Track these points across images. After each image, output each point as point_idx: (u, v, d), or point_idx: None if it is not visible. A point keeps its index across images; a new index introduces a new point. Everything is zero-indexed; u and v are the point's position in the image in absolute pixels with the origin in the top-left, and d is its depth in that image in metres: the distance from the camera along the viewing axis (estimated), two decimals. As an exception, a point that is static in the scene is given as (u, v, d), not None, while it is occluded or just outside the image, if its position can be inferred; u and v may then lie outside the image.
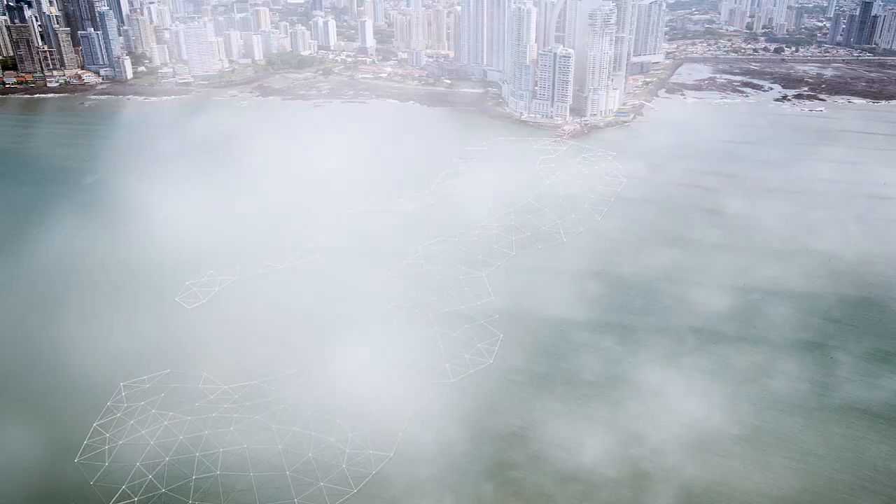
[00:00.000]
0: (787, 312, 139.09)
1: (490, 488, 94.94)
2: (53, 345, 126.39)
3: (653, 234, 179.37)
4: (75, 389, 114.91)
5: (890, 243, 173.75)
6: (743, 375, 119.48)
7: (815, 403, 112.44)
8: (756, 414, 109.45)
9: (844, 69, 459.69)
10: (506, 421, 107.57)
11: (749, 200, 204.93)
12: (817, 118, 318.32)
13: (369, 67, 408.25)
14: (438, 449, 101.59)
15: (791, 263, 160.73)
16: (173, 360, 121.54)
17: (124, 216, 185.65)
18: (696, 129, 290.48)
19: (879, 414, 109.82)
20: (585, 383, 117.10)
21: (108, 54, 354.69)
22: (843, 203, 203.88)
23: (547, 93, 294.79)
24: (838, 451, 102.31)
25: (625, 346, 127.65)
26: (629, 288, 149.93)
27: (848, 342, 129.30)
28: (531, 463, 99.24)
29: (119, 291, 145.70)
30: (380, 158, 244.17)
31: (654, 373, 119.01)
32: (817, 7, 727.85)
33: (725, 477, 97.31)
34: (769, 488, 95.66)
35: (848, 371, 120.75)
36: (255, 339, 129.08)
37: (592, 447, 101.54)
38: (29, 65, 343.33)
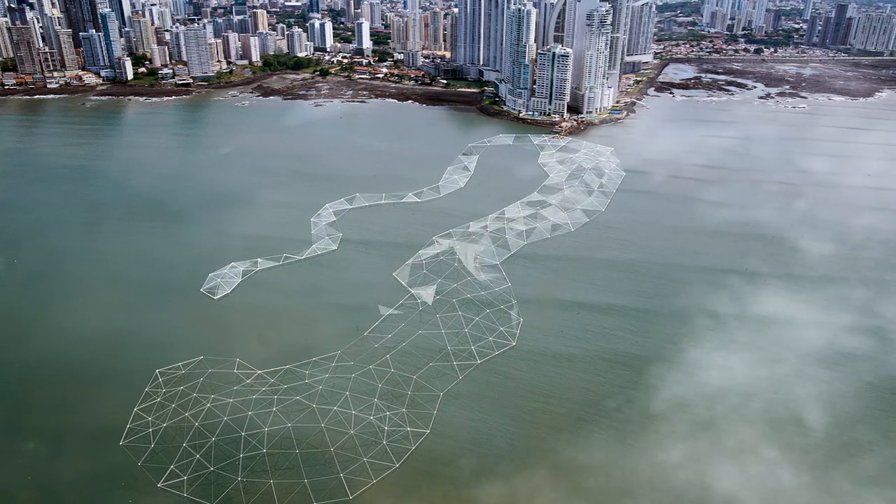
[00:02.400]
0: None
1: (523, 462, 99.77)
2: (88, 335, 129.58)
3: (656, 224, 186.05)
4: (112, 377, 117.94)
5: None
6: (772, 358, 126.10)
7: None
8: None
9: (822, 68, 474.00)
10: (533, 398, 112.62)
11: (744, 192, 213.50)
12: (801, 114, 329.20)
13: (365, 68, 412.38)
14: (472, 425, 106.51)
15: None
16: (205, 347, 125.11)
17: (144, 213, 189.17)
18: (687, 125, 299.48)
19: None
20: (605, 361, 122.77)
21: (110, 55, 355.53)
22: (836, 195, 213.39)
23: (545, 91, 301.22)
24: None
25: (636, 327, 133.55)
26: (638, 274, 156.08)
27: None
28: (561, 438, 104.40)
29: (144, 284, 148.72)
30: (385, 154, 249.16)
31: (669, 352, 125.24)
32: (794, 10, 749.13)
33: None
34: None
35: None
36: (284, 325, 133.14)
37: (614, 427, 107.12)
38: (29, 66, 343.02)
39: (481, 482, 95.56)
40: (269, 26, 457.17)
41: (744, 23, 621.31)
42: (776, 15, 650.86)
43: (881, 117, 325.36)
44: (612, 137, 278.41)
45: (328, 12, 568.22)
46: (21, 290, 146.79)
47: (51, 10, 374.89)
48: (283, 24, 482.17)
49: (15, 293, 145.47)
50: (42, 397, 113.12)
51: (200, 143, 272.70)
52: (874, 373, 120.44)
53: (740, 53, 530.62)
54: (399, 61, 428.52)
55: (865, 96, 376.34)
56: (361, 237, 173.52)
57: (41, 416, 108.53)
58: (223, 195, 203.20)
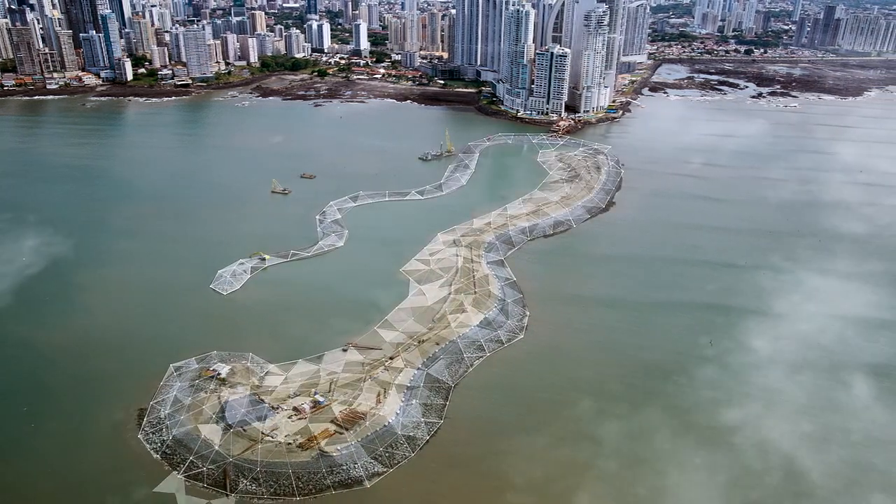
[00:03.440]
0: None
1: (535, 452, 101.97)
2: (100, 332, 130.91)
3: (656, 220, 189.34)
4: (126, 372, 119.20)
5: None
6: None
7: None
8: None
9: (811, 68, 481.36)
10: (542, 389, 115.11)
11: (739, 188, 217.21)
12: (793, 113, 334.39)
13: (363, 69, 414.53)
14: (484, 416, 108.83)
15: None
16: (217, 342, 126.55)
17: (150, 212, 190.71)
18: (682, 123, 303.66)
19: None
20: (613, 354, 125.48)
21: (110, 56, 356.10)
22: (830, 190, 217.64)
23: (543, 90, 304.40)
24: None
25: (641, 321, 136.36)
26: (641, 268, 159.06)
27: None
28: (571, 428, 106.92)
29: (154, 282, 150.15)
30: (387, 153, 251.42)
31: (672, 347, 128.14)
32: (783, 11, 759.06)
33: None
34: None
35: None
36: (294, 320, 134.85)
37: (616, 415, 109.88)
38: (28, 67, 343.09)
39: (495, 471, 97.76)
40: (267, 28, 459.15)
41: (734, 24, 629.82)
42: (766, 16, 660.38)
43: (875, 115, 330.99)
44: (609, 136, 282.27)
45: (326, 14, 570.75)
46: (31, 287, 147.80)
47: (51, 11, 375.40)
48: (281, 25, 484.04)
49: (25, 290, 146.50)
50: (59, 391, 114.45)
51: (203, 143, 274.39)
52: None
53: (731, 54, 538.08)
54: (396, 62, 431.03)
55: (855, 95, 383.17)
56: (367, 234, 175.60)
57: (59, 410, 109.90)
58: (228, 194, 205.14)
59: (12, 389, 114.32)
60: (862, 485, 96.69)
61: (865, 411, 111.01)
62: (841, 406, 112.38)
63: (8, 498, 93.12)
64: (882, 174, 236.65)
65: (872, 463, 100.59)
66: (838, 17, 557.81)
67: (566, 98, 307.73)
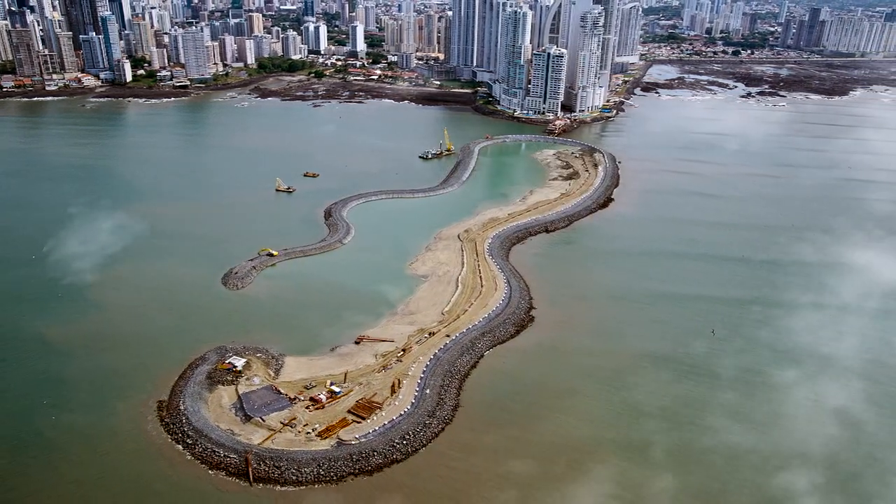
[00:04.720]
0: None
1: (543, 436, 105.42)
2: (114, 328, 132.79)
3: (655, 217, 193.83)
4: (143, 366, 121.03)
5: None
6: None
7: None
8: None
9: (797, 69, 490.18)
10: (551, 377, 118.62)
11: (732, 184, 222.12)
12: (781, 112, 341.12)
13: (360, 70, 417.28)
14: (497, 404, 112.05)
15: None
16: (231, 335, 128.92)
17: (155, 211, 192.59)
18: (675, 122, 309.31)
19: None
20: (620, 345, 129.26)
21: (109, 58, 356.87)
22: (822, 186, 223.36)
23: (540, 90, 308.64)
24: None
25: (645, 315, 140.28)
26: (643, 262, 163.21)
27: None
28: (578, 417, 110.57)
29: (166, 278, 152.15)
30: (387, 152, 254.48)
31: (670, 333, 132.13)
32: (769, 13, 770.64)
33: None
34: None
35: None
36: (305, 315, 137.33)
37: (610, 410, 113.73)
38: (28, 68, 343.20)
39: (509, 458, 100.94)
40: (265, 29, 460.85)
41: (722, 26, 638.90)
42: (752, 18, 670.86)
43: (862, 114, 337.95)
44: (605, 135, 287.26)
45: (323, 16, 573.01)
46: (44, 284, 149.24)
47: (51, 12, 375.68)
48: (278, 27, 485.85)
49: (38, 287, 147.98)
50: (78, 385, 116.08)
51: (205, 143, 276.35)
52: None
53: (719, 55, 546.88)
54: (393, 63, 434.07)
55: (841, 94, 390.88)
56: (373, 231, 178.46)
57: (78, 403, 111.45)
58: (233, 192, 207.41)
59: (31, 383, 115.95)
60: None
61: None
62: (841, 407, 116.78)
63: (31, 489, 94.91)
64: (869, 170, 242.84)
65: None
66: (823, 18, 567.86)
67: (562, 98, 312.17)
